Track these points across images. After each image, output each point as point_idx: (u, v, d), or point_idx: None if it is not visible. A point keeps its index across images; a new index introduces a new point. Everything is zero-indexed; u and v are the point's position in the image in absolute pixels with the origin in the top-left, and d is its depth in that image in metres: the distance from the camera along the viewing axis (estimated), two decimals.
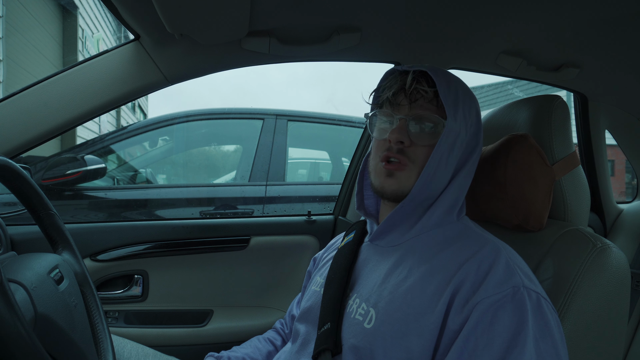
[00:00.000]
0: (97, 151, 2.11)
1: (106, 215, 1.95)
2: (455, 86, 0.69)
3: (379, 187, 0.70)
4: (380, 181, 0.70)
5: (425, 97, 0.68)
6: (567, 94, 1.64)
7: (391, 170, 0.68)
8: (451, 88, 0.68)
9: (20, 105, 0.99)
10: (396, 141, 0.67)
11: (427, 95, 0.68)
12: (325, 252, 0.91)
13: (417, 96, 0.68)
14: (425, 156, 0.67)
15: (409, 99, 0.69)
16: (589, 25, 0.98)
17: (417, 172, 0.67)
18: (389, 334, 0.59)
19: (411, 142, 0.68)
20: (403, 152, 0.68)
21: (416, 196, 0.67)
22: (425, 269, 0.62)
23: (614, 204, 1.76)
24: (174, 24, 0.87)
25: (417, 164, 0.68)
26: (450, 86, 0.68)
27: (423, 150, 0.67)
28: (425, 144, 0.67)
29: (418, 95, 0.68)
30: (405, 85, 0.68)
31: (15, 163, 0.67)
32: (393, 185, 0.68)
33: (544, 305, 0.56)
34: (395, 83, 0.70)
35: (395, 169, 0.68)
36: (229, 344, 1.06)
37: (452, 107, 0.66)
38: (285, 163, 2.24)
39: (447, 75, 0.70)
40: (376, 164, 0.71)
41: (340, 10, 0.95)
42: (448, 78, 0.69)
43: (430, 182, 0.66)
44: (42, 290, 0.60)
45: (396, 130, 0.67)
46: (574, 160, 0.81)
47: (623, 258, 0.69)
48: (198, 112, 2.33)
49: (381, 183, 0.69)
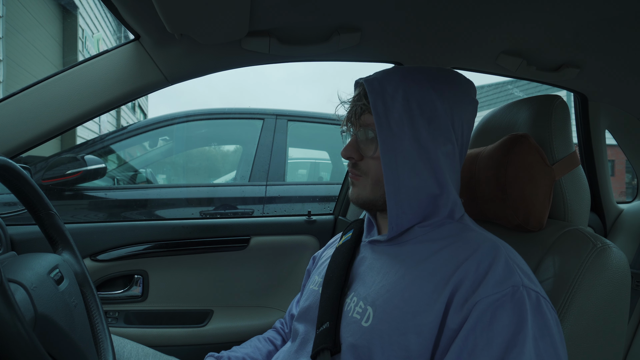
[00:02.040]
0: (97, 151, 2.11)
1: (106, 215, 1.95)
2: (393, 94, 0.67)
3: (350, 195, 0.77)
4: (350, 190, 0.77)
5: (365, 109, 0.71)
6: (567, 94, 1.64)
7: (353, 180, 0.75)
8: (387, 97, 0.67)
9: (20, 105, 0.99)
10: (346, 157, 0.73)
11: (367, 107, 0.70)
12: (324, 251, 0.92)
13: (363, 109, 0.71)
14: (375, 167, 0.71)
15: (355, 113, 0.72)
16: (589, 25, 0.98)
17: (371, 183, 0.71)
18: (387, 332, 0.59)
19: (361, 156, 0.72)
20: (355, 165, 0.73)
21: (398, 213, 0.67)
22: (424, 268, 0.62)
23: (614, 204, 1.76)
24: (174, 24, 0.87)
25: (369, 175, 0.72)
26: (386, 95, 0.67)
27: (372, 161, 0.71)
28: (371, 156, 0.71)
29: (364, 107, 0.71)
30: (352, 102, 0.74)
31: (15, 163, 0.67)
32: (354, 194, 0.75)
33: (543, 304, 0.56)
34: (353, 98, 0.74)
35: (353, 179, 0.75)
36: (229, 344, 1.06)
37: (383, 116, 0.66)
38: (285, 163, 2.24)
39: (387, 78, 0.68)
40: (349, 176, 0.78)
41: (340, 10, 0.95)
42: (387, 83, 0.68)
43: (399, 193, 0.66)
44: (42, 290, 0.60)
45: (346, 147, 0.73)
46: (574, 160, 0.81)
47: (623, 258, 0.69)
48: (198, 112, 2.33)
49: (350, 192, 0.77)
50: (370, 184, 0.72)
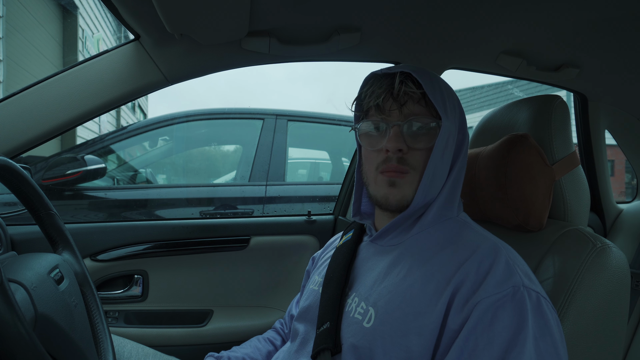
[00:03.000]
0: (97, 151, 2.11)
1: (106, 215, 1.95)
2: (438, 83, 0.68)
3: (381, 198, 0.68)
4: (384, 192, 0.67)
5: (413, 98, 0.66)
6: (567, 94, 1.64)
7: (393, 179, 0.66)
8: (435, 86, 0.67)
9: (20, 105, 0.99)
10: (395, 150, 0.65)
11: (415, 96, 0.66)
12: (324, 251, 0.91)
13: (405, 98, 0.66)
14: (424, 159, 0.66)
15: (398, 102, 0.67)
16: (589, 25, 0.99)
17: (418, 179, 0.66)
18: (389, 333, 0.59)
19: (408, 148, 0.66)
20: (403, 159, 0.66)
21: (418, 203, 0.66)
22: (425, 268, 0.62)
23: (613, 204, 1.76)
24: (174, 24, 0.87)
25: (417, 169, 0.66)
26: (434, 84, 0.67)
27: (422, 154, 0.66)
28: (422, 147, 0.66)
29: (406, 97, 0.66)
30: (392, 89, 0.66)
31: (15, 163, 0.67)
32: (397, 195, 0.66)
33: (543, 304, 0.56)
34: (380, 88, 0.68)
35: (397, 177, 0.66)
36: (229, 344, 1.06)
37: (442, 105, 0.66)
38: (285, 163, 2.24)
39: (428, 73, 0.69)
40: (375, 176, 0.69)
41: (340, 10, 0.95)
42: (430, 76, 0.68)
43: (430, 185, 0.66)
44: (42, 290, 0.60)
45: (393, 138, 0.65)
46: (574, 160, 0.81)
47: (623, 258, 0.69)
48: (198, 112, 2.33)
49: (385, 194, 0.67)
50: (417, 179, 0.66)
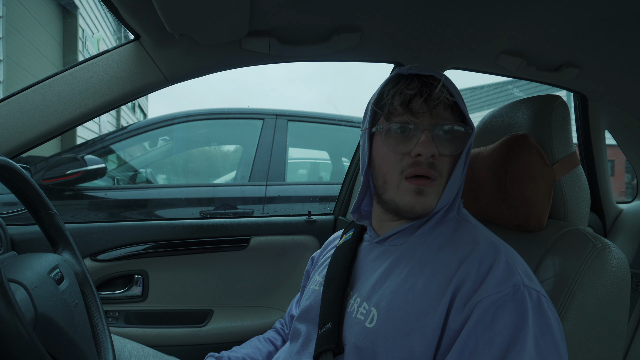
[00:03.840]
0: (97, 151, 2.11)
1: (106, 215, 1.95)
2: (457, 90, 0.68)
3: (405, 206, 0.65)
4: (409, 200, 0.64)
5: (444, 103, 0.64)
6: (567, 94, 1.64)
7: (421, 187, 0.63)
8: (457, 92, 0.67)
9: (20, 105, 0.99)
10: (429, 155, 0.62)
11: (448, 102, 0.64)
12: (323, 251, 0.91)
13: (436, 102, 0.64)
14: (450, 166, 0.65)
15: (429, 105, 0.64)
16: (589, 25, 0.99)
17: (443, 186, 0.65)
18: (391, 333, 0.59)
19: (438, 154, 0.63)
20: (433, 165, 0.64)
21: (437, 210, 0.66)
22: (427, 269, 0.62)
23: (613, 204, 1.76)
24: (174, 24, 0.87)
25: (444, 176, 0.65)
26: (456, 90, 0.68)
27: (447, 160, 0.65)
28: (450, 154, 0.65)
29: (436, 101, 0.64)
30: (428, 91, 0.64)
31: (15, 163, 0.67)
32: (424, 204, 0.64)
33: (544, 303, 0.56)
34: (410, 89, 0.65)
35: (426, 185, 0.63)
36: (229, 344, 1.06)
37: (466, 111, 0.66)
38: (285, 163, 2.24)
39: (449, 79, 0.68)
40: (398, 181, 0.65)
41: (340, 10, 0.95)
42: (451, 82, 0.68)
43: (450, 192, 0.66)
44: (42, 290, 0.60)
45: (426, 143, 0.62)
46: (574, 160, 0.81)
47: (623, 258, 0.69)
48: (198, 112, 2.33)
49: (410, 202, 0.64)
50: (442, 187, 0.65)
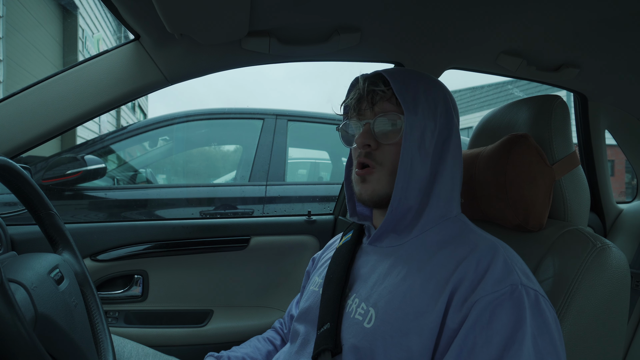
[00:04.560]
0: (97, 151, 2.11)
1: (106, 215, 1.95)
2: (415, 82, 0.70)
3: (358, 194, 0.73)
4: (358, 188, 0.72)
5: (384, 97, 0.70)
6: (567, 94, 1.64)
7: (363, 176, 0.71)
8: (409, 84, 0.69)
9: (20, 105, 0.99)
10: (362, 145, 0.70)
11: (386, 94, 0.70)
12: (324, 252, 0.91)
13: (376, 98, 0.71)
14: (394, 156, 0.69)
15: (370, 102, 0.71)
16: (589, 25, 0.99)
17: (388, 174, 0.69)
18: (389, 333, 0.59)
19: (378, 144, 0.70)
20: (370, 155, 0.70)
21: (401, 197, 0.67)
22: (425, 269, 0.63)
23: (613, 204, 1.76)
24: (174, 24, 0.87)
25: (385, 165, 0.69)
26: (408, 83, 0.69)
27: (390, 149, 0.69)
28: (391, 142, 0.69)
29: (377, 97, 0.70)
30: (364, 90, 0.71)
31: (15, 163, 0.67)
32: (367, 190, 0.70)
33: (542, 302, 0.56)
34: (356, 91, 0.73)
35: (365, 173, 0.70)
36: (229, 344, 1.06)
37: (411, 102, 0.68)
38: (285, 163, 2.24)
39: (403, 73, 0.72)
40: (354, 173, 0.74)
41: (340, 10, 0.95)
42: (404, 76, 0.71)
43: (409, 180, 0.67)
44: (42, 290, 0.60)
45: (361, 134, 0.70)
46: (574, 160, 0.82)
47: (623, 258, 0.69)
48: (198, 112, 2.33)
49: (359, 190, 0.72)
50: (386, 175, 0.69)
